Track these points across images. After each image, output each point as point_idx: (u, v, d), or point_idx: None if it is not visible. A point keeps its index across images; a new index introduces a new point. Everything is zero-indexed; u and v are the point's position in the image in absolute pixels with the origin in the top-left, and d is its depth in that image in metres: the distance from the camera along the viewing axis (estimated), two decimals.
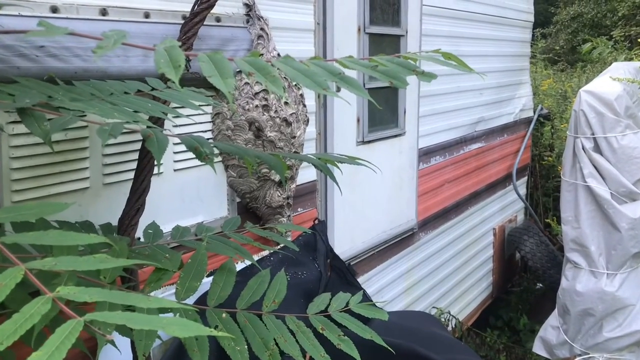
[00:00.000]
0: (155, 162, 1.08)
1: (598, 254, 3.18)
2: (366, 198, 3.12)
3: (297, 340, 1.25)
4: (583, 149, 3.11)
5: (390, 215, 3.37)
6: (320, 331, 1.31)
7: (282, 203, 2.37)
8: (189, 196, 2.13)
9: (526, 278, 5.77)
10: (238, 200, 2.32)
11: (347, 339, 1.30)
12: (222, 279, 1.30)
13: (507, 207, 5.20)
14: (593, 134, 3.06)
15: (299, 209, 2.68)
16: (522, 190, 5.37)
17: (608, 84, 3.05)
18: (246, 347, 1.17)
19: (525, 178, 5.59)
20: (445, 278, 4.21)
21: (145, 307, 0.76)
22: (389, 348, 1.34)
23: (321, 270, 2.41)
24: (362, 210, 3.10)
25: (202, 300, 1.40)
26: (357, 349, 1.35)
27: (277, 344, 1.22)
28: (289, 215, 2.45)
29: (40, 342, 1.15)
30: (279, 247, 2.40)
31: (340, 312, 1.36)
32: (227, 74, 0.96)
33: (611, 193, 3.07)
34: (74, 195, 1.73)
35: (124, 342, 1.54)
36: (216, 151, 1.93)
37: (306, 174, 2.68)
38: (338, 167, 1.31)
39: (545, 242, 4.83)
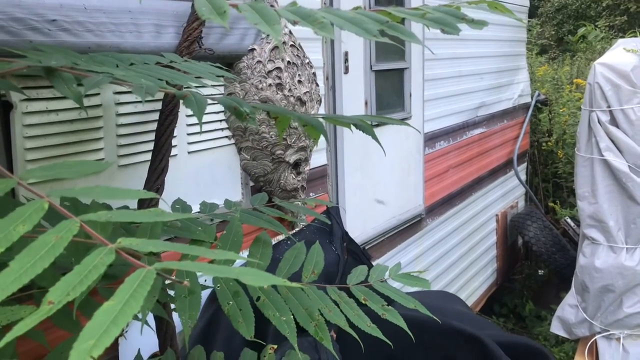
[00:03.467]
0: (215, 118, 1.02)
1: (617, 228, 3.14)
2: (376, 183, 3.07)
3: (341, 311, 1.20)
4: (599, 122, 3.07)
5: (399, 200, 3.32)
6: (363, 302, 1.25)
7: (297, 186, 2.31)
8: (203, 179, 2.06)
9: (528, 265, 5.76)
10: (252, 184, 2.26)
11: (392, 309, 1.25)
12: (259, 251, 1.25)
13: (509, 193, 5.18)
14: (609, 106, 3.02)
15: (310, 194, 2.62)
16: (522, 177, 5.35)
17: (622, 55, 3.02)
18: (292, 317, 1.12)
19: (525, 164, 5.57)
20: (452, 265, 4.17)
21: (211, 257, 0.70)
22: (435, 318, 1.29)
23: (339, 253, 2.36)
24: (372, 195, 3.05)
25: None
26: (386, 326, 1.30)
27: (321, 314, 1.17)
28: (303, 199, 2.39)
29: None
30: (293, 231, 2.35)
31: (381, 282, 1.31)
32: (273, 21, 0.90)
33: (629, 166, 3.03)
34: (89, 177, 1.66)
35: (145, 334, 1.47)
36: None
37: (317, 157, 2.63)
38: (374, 134, 1.26)
39: (549, 227, 4.81)
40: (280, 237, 2.33)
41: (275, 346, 1.57)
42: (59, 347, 1.07)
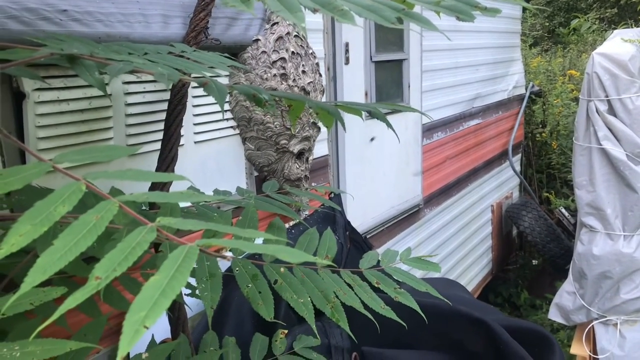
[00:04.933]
0: (219, 109, 1.04)
1: (614, 216, 3.19)
2: (376, 173, 3.10)
3: (355, 293, 1.23)
4: (597, 111, 3.12)
5: (398, 190, 3.35)
6: (376, 285, 1.28)
7: (300, 175, 2.33)
8: (209, 169, 2.08)
9: (522, 255, 5.82)
10: (256, 174, 2.29)
11: (404, 292, 1.28)
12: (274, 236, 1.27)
13: (504, 184, 5.23)
14: (607, 96, 3.06)
15: (312, 184, 2.64)
16: (517, 167, 5.41)
17: (620, 45, 3.06)
18: (309, 299, 1.14)
19: (519, 155, 5.62)
20: (449, 255, 4.22)
21: (243, 236, 0.72)
22: (446, 301, 1.32)
23: (341, 242, 2.39)
24: (372, 185, 3.08)
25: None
26: (395, 312, 1.33)
27: (337, 297, 1.20)
28: (307, 189, 2.42)
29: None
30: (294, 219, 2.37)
31: (393, 266, 1.34)
32: (296, 8, 0.92)
33: (627, 154, 3.08)
34: (99, 166, 1.68)
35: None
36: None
37: (319, 147, 2.65)
38: (387, 121, 1.29)
39: (544, 217, 4.86)
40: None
41: (286, 331, 1.60)
42: (82, 330, 1.09)
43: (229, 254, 1.18)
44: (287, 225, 2.34)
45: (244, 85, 1.22)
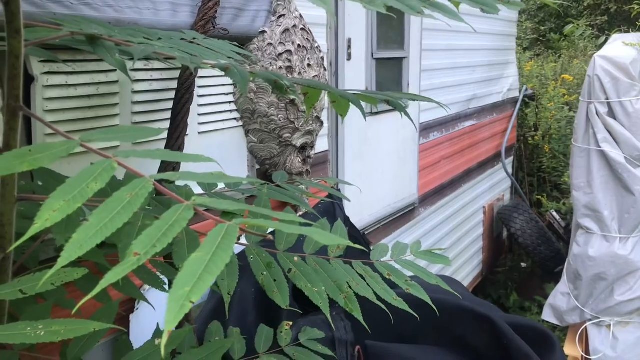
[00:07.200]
0: (241, 92, 1.03)
1: (611, 218, 3.23)
2: (374, 170, 3.11)
3: (368, 284, 1.22)
4: (597, 114, 3.15)
5: (395, 188, 3.36)
6: (387, 277, 1.28)
7: (302, 170, 2.33)
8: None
9: (511, 258, 5.85)
10: (257, 167, 2.28)
11: (415, 284, 1.28)
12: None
13: (496, 185, 5.26)
14: (607, 98, 3.10)
15: (312, 179, 2.64)
16: (509, 170, 5.44)
17: (621, 48, 3.10)
18: (323, 288, 1.14)
19: (512, 158, 5.66)
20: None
21: (276, 217, 0.72)
22: (456, 294, 1.32)
23: None
24: (370, 182, 3.08)
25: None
26: (397, 307, 1.32)
27: (350, 287, 1.19)
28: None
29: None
30: (299, 213, 2.36)
31: (404, 259, 1.34)
32: None
33: (625, 157, 3.12)
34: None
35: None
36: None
37: (319, 143, 2.64)
38: (405, 111, 1.28)
39: (535, 220, 4.90)
40: None
41: (291, 322, 1.60)
42: (95, 314, 1.08)
43: (242, 240, 1.18)
44: None
45: (266, 71, 1.21)
